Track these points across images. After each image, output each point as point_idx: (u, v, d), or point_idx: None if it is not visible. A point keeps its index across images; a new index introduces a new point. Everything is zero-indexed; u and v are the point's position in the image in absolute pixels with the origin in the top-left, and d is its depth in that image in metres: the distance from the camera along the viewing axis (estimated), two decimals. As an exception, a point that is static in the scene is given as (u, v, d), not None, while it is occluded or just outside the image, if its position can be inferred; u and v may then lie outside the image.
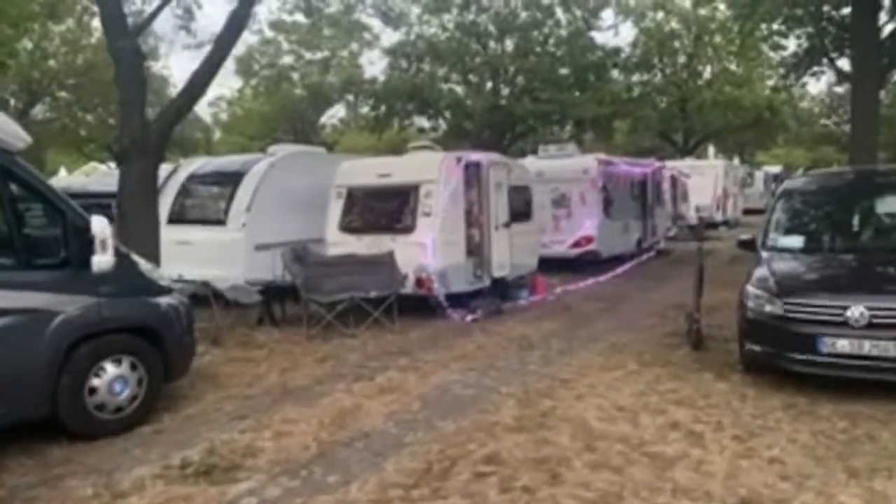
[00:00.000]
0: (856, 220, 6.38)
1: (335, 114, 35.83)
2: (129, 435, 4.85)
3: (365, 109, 31.57)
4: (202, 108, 37.48)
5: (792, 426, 4.74)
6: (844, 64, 20.66)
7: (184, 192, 11.17)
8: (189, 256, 10.24)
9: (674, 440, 4.56)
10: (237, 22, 7.97)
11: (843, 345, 5.10)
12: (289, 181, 10.44)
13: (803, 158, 47.72)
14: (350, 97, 30.86)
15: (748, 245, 6.71)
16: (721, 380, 5.91)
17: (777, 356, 5.46)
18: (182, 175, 11.39)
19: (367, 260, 8.53)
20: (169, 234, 10.61)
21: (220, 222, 10.32)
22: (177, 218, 10.91)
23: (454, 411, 5.20)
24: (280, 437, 4.74)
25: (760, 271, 6.01)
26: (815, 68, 20.60)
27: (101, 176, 16.79)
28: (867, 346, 5.03)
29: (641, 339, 7.67)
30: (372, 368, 6.52)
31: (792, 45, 20.30)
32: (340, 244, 9.47)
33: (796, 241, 6.39)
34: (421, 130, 31.91)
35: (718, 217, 25.10)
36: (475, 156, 9.77)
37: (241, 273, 9.68)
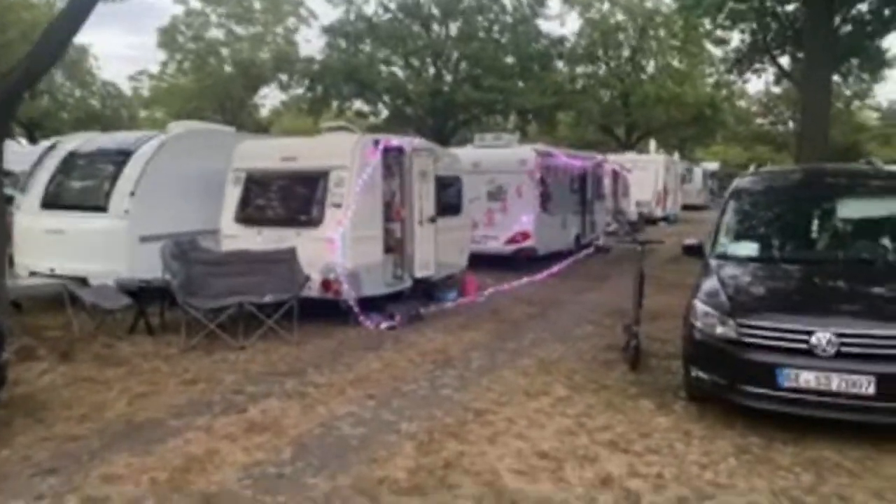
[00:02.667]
0: (817, 225, 5.59)
1: (271, 94, 34.03)
2: None
3: (300, 90, 29.97)
4: (122, 82, 34.95)
5: (748, 481, 3.85)
6: (785, 62, 20.59)
7: (62, 172, 9.58)
8: (63, 248, 8.81)
9: (605, 504, 3.59)
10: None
11: (808, 378, 4.25)
12: (185, 163, 9.05)
13: (740, 156, 48.69)
14: (283, 76, 29.06)
15: (694, 251, 5.85)
16: (662, 411, 5.02)
17: (729, 388, 4.58)
18: (61, 153, 9.79)
19: (262, 258, 7.28)
20: (41, 222, 9.16)
21: (101, 208, 8.82)
22: (51, 202, 9.36)
23: (334, 461, 4.09)
24: (88, 506, 3.53)
25: (709, 283, 5.13)
26: (757, 65, 20.40)
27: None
28: (835, 381, 4.19)
29: (574, 353, 6.75)
30: (249, 395, 5.33)
31: (735, 40, 20.03)
32: (237, 238, 8.18)
33: (750, 248, 5.55)
34: (360, 114, 30.50)
35: (659, 213, 24.82)
36: (396, 140, 8.61)
37: (122, 269, 8.31)
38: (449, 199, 9.72)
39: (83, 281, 8.24)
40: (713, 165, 41.77)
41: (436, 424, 4.71)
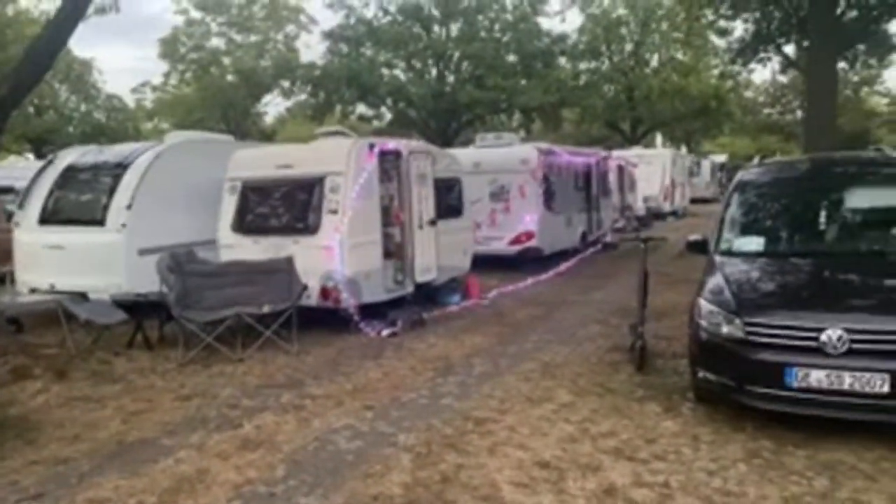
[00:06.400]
0: (825, 217, 5.39)
1: (275, 102, 34.01)
2: None
3: (303, 97, 29.95)
4: (126, 94, 35.10)
5: (759, 488, 3.68)
6: (790, 50, 20.29)
7: (59, 186, 9.51)
8: (63, 263, 8.74)
9: (608, 518, 3.43)
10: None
11: (818, 377, 4.08)
12: (183, 173, 8.95)
13: (749, 147, 48.24)
14: (285, 83, 29.05)
15: (699, 247, 5.67)
16: (669, 415, 4.85)
17: (736, 389, 4.41)
18: (59, 167, 9.72)
19: (258, 268, 7.18)
20: (40, 238, 9.10)
21: (99, 222, 8.73)
22: (49, 218, 9.29)
23: (328, 478, 3.96)
24: (71, 533, 3.42)
25: (714, 281, 4.96)
26: (762, 54, 20.14)
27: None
28: (847, 379, 4.01)
29: (578, 355, 6.58)
30: (244, 409, 5.22)
31: (739, 30, 19.79)
32: (234, 247, 8.08)
33: (755, 242, 5.36)
34: (363, 119, 30.43)
35: (667, 207, 24.56)
36: (392, 143, 8.48)
37: (122, 282, 8.24)
38: (449, 201, 9.58)
39: (84, 296, 8.17)
40: (721, 158, 41.41)
41: (434, 435, 4.57)
